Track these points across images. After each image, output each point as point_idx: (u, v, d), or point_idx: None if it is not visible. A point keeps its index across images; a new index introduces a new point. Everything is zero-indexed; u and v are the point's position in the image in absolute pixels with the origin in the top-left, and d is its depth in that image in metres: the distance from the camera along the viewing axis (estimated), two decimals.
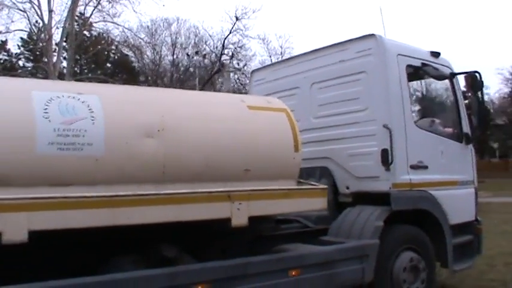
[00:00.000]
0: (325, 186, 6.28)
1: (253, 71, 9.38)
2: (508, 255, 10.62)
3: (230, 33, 42.83)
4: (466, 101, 8.14)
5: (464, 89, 8.21)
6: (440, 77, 7.56)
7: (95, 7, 32.01)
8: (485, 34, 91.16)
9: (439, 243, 7.18)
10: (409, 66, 7.18)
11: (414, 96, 8.23)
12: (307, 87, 7.69)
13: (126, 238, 5.13)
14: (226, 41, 43.35)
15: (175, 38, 46.63)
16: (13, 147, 4.36)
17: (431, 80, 7.85)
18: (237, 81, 45.74)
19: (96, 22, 34.09)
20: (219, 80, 45.76)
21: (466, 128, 7.84)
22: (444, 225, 7.15)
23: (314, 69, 7.65)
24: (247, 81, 44.82)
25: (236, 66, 44.70)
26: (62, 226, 4.38)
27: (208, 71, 44.41)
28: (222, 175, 5.50)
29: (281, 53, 47.60)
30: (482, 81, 7.49)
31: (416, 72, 7.42)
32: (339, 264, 6.06)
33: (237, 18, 42.01)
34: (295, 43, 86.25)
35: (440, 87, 8.36)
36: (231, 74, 45.22)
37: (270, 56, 47.59)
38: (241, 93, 37.77)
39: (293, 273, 5.64)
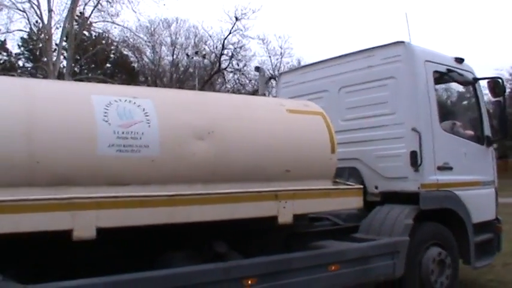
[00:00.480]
0: (361, 186, 6.64)
1: (281, 74, 9.76)
2: (507, 256, 10.53)
3: (230, 33, 43.08)
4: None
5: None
6: (464, 82, 7.90)
7: (95, 7, 32.26)
8: (483, 33, 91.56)
9: (462, 241, 7.53)
10: (435, 72, 7.52)
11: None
12: (336, 90, 7.99)
13: (178, 234, 5.43)
14: (225, 41, 43.66)
15: (175, 38, 46.85)
16: (75, 149, 4.62)
17: (454, 84, 8.18)
18: (237, 81, 46.03)
19: (95, 22, 34.35)
20: (219, 80, 46.06)
21: (487, 131, 8.19)
22: (468, 224, 7.50)
23: (342, 73, 7.95)
24: (247, 82, 45.28)
25: (236, 66, 45.01)
26: (126, 223, 4.67)
27: (208, 72, 44.69)
28: (265, 175, 5.81)
29: (281, 53, 47.76)
30: (504, 87, 7.84)
31: (441, 78, 7.73)
32: (373, 259, 6.39)
33: (236, 19, 42.26)
34: (294, 43, 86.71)
35: (461, 91, 8.69)
36: (231, 75, 45.55)
37: (270, 57, 47.76)
38: (240, 93, 38.04)
39: (332, 268, 5.97)
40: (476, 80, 8.13)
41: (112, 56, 44.59)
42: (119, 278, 4.56)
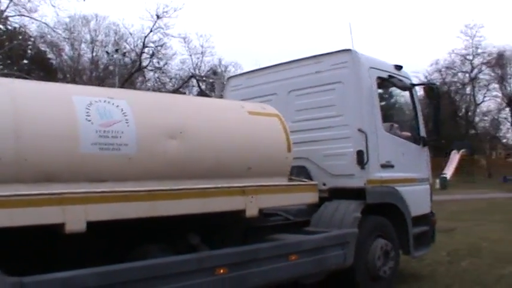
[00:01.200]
0: (316, 183, 7.19)
1: (229, 78, 10.14)
2: None
3: (151, 31, 43.23)
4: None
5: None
6: (403, 87, 8.62)
7: (11, 0, 31.37)
8: (400, 37, 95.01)
9: (401, 233, 8.20)
10: (378, 77, 8.18)
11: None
12: (285, 94, 8.49)
13: (152, 229, 5.75)
14: (146, 40, 43.67)
15: (95, 35, 46.34)
16: (61, 147, 4.87)
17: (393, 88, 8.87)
18: (157, 80, 45.98)
19: (12, 16, 33.43)
20: (139, 78, 45.85)
21: (423, 132, 8.94)
22: (407, 217, 8.20)
23: (291, 78, 8.47)
24: (167, 80, 45.32)
25: (157, 65, 44.97)
26: (113, 217, 4.96)
27: (129, 70, 44.44)
28: (229, 172, 6.25)
29: (202, 52, 48.07)
30: (438, 92, 8.58)
31: (383, 83, 8.43)
32: (326, 250, 6.89)
33: (158, 17, 42.47)
34: (216, 42, 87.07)
35: (399, 95, 9.42)
36: (151, 73, 45.44)
37: (191, 55, 47.97)
38: (160, 91, 38.04)
39: (292, 257, 6.43)
40: (413, 85, 8.89)
41: (29, 52, 43.47)
42: (105, 269, 4.79)
